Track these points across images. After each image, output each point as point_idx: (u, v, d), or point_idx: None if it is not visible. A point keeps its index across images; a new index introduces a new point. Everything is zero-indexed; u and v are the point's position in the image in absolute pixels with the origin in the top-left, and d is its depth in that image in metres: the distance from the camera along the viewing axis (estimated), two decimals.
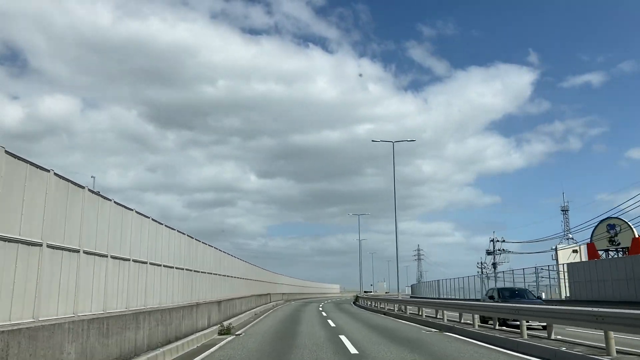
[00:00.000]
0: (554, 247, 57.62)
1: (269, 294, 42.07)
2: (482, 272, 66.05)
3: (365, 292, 69.66)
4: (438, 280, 66.74)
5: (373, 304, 39.98)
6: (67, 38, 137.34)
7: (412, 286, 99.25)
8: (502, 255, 65.08)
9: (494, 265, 60.31)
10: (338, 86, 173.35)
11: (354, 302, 53.42)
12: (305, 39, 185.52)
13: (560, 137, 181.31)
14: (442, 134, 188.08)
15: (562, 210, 79.87)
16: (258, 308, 32.70)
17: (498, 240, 65.67)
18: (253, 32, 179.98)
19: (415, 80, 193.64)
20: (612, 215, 48.38)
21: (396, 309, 30.59)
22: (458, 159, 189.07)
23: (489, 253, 60.72)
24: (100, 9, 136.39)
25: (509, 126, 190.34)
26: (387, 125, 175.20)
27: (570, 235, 65.43)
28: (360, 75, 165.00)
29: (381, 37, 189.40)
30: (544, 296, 36.93)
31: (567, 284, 35.40)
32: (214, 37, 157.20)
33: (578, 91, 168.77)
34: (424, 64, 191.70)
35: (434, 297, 61.35)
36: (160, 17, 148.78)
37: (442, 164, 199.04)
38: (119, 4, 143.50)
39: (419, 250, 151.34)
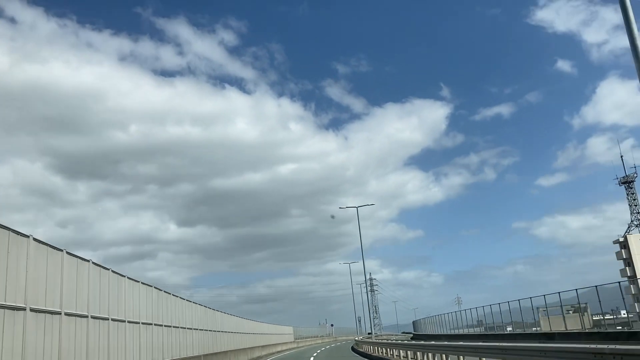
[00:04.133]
0: (619, 239, 40.08)
1: None
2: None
3: (369, 333, 62.77)
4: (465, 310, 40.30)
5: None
6: None
7: (413, 323, 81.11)
8: None
9: None
10: (258, 127, 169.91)
11: None
12: (221, 79, 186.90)
13: (476, 168, 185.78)
14: (364, 171, 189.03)
15: (622, 183, 50.16)
16: None
17: None
18: (165, 73, 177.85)
19: (335, 118, 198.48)
20: None
21: None
22: (381, 195, 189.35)
23: None
24: None
25: (427, 160, 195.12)
26: (310, 164, 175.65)
27: None
28: None
29: (297, 76, 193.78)
30: None
31: None
32: (123, 80, 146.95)
33: (490, 123, 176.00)
34: (342, 102, 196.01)
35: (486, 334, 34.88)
36: (63, 60, 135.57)
37: (366, 201, 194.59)
38: (15, 48, 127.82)
39: (371, 279, 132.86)
